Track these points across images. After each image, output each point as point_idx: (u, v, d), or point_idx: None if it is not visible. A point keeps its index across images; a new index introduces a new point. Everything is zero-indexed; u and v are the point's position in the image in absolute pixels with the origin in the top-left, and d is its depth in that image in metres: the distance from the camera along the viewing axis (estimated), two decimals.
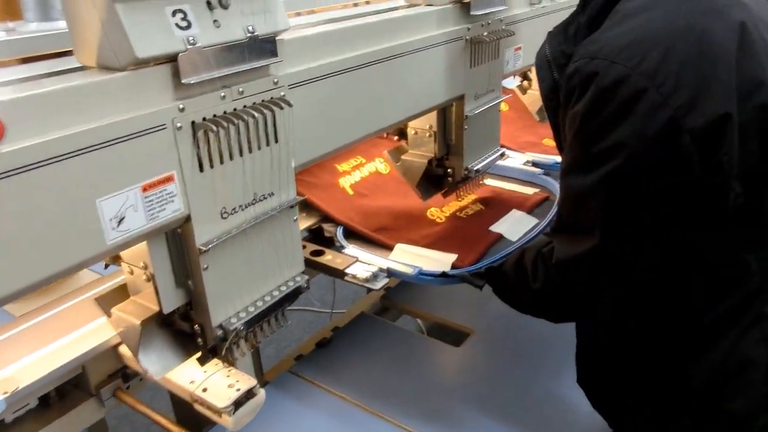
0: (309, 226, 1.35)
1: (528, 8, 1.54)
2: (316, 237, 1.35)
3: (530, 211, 1.37)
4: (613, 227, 0.84)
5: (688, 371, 0.92)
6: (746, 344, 0.88)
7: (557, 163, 1.69)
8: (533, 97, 1.97)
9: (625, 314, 0.96)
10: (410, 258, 1.20)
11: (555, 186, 1.49)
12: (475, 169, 1.38)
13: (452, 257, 1.18)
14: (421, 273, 1.15)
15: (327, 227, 1.33)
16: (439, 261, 1.18)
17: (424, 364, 1.56)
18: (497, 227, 1.28)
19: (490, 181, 1.57)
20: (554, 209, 1.34)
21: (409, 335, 1.72)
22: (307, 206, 1.36)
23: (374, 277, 1.15)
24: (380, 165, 1.53)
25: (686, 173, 0.78)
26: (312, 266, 1.21)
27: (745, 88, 0.78)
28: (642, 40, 0.78)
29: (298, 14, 1.72)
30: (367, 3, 1.76)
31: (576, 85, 0.81)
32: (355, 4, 1.85)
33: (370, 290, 1.24)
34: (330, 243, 1.31)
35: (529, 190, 1.51)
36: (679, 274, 0.88)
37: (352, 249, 1.25)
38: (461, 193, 1.44)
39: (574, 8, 0.98)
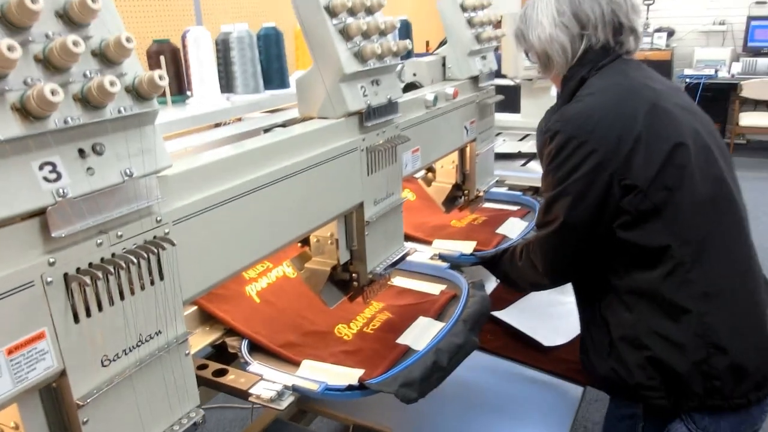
0: (212, 341, 1.30)
1: (424, 111, 1.60)
2: (220, 351, 1.30)
3: (437, 315, 1.38)
4: (573, 220, 1.31)
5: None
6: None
7: (463, 254, 1.73)
8: (438, 188, 2.02)
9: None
10: (317, 374, 1.17)
11: (461, 280, 1.52)
12: (379, 272, 1.39)
13: (359, 372, 1.17)
14: (328, 388, 1.13)
15: (231, 342, 1.29)
16: (346, 375, 1.16)
17: None
18: (404, 339, 1.28)
19: (398, 280, 1.59)
20: (460, 308, 1.36)
21: None
22: (211, 318, 1.32)
23: (279, 396, 1.12)
24: (288, 269, 1.52)
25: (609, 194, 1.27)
26: (214, 387, 1.17)
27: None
28: (584, 114, 1.30)
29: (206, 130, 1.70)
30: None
31: (549, 137, 1.33)
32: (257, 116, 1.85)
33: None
34: (234, 357, 1.26)
35: (437, 288, 1.53)
36: (622, 252, 1.32)
37: (256, 365, 1.21)
38: (368, 296, 1.44)
39: (469, 105, 1.88)
